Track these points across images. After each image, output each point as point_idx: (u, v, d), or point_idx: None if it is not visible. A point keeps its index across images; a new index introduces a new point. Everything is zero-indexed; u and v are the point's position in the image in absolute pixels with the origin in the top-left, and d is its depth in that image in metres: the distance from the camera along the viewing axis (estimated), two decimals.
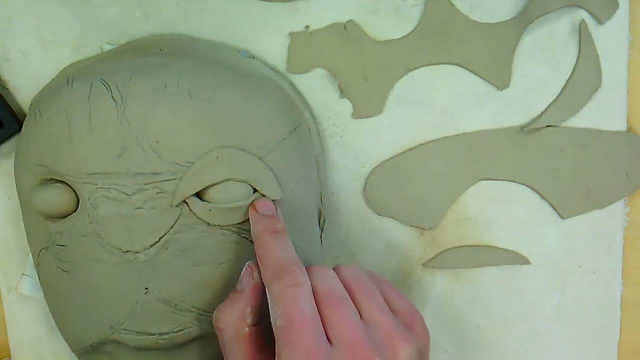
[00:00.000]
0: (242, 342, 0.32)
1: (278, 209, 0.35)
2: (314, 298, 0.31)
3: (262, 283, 0.32)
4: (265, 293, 0.32)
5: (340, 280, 0.32)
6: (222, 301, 0.35)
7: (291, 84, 0.39)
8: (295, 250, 0.37)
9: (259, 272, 0.33)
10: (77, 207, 0.35)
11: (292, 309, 0.30)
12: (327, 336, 0.30)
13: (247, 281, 0.33)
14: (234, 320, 0.32)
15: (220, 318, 0.33)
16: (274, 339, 0.31)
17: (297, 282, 0.30)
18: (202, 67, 0.36)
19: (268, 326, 0.32)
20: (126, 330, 0.35)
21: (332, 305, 0.30)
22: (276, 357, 0.30)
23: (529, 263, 0.41)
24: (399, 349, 0.31)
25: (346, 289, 0.32)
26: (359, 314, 0.31)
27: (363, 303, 0.32)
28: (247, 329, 0.32)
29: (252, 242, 0.35)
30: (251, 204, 0.34)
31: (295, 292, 0.30)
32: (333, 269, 0.33)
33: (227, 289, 0.35)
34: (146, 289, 0.35)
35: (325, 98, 0.40)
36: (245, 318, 0.32)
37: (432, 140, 0.40)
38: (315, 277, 0.31)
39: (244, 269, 0.33)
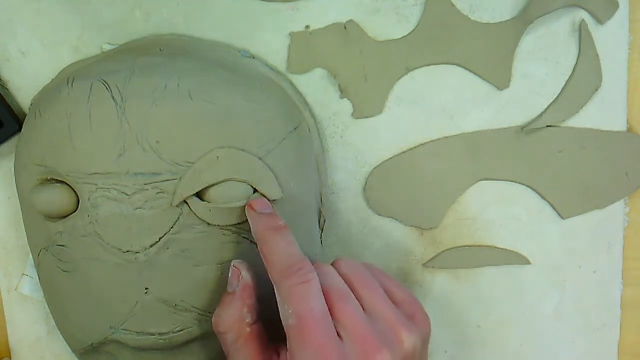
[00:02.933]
0: (245, 342, 0.33)
1: (275, 208, 0.35)
2: None
3: (252, 282, 0.33)
4: (257, 291, 0.33)
5: (340, 275, 0.33)
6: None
7: (291, 84, 0.39)
8: None
9: (247, 271, 0.33)
10: (77, 207, 0.35)
11: (304, 307, 0.30)
12: (336, 331, 0.30)
13: (236, 282, 0.33)
14: (233, 323, 0.33)
15: (219, 323, 0.33)
16: (274, 334, 0.32)
17: (306, 279, 0.31)
18: (202, 67, 0.36)
19: (266, 322, 0.33)
20: (126, 330, 0.35)
21: (338, 301, 0.31)
22: (288, 354, 0.30)
23: (529, 263, 0.41)
24: (404, 339, 0.31)
25: (346, 284, 0.32)
26: (362, 307, 0.32)
27: (365, 296, 0.32)
28: (248, 329, 0.33)
29: (252, 242, 0.35)
30: (247, 203, 0.34)
31: (305, 289, 0.30)
32: (331, 264, 0.34)
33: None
34: (146, 289, 0.35)
35: (325, 98, 0.40)
36: (244, 318, 0.33)
37: (432, 140, 0.40)
38: (319, 274, 0.32)
39: (230, 270, 0.34)
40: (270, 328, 0.33)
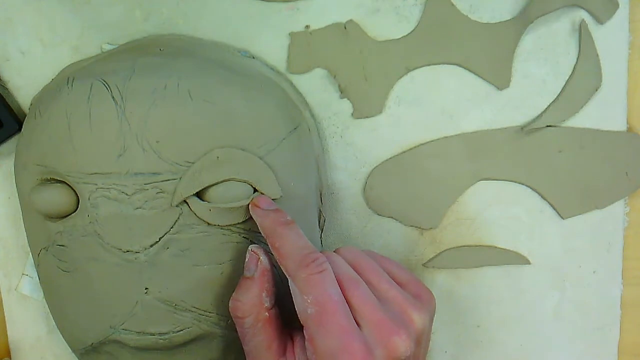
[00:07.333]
0: (263, 326, 0.33)
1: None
2: None
3: (272, 267, 0.33)
4: (275, 277, 0.33)
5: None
6: (222, 301, 0.35)
7: (291, 84, 0.39)
8: None
9: (265, 255, 0.34)
10: (77, 207, 0.35)
11: (323, 295, 0.30)
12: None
13: (254, 266, 0.34)
14: (252, 307, 0.33)
15: (238, 307, 0.33)
16: (288, 321, 0.33)
17: (322, 269, 0.31)
18: (202, 67, 0.36)
19: (281, 308, 0.33)
20: (126, 330, 0.35)
21: (351, 289, 0.31)
22: (308, 343, 0.31)
23: (529, 263, 0.41)
24: (415, 319, 0.32)
25: (354, 271, 0.33)
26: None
27: (372, 281, 0.33)
28: (266, 313, 0.33)
29: (252, 242, 0.35)
30: (251, 201, 0.34)
31: (322, 278, 0.31)
32: (334, 252, 0.34)
33: (227, 289, 0.35)
34: (146, 289, 0.35)
35: (325, 98, 0.40)
36: (263, 302, 0.33)
37: (432, 140, 0.40)
38: (330, 263, 0.32)
39: (248, 255, 0.34)
40: (284, 314, 0.34)
